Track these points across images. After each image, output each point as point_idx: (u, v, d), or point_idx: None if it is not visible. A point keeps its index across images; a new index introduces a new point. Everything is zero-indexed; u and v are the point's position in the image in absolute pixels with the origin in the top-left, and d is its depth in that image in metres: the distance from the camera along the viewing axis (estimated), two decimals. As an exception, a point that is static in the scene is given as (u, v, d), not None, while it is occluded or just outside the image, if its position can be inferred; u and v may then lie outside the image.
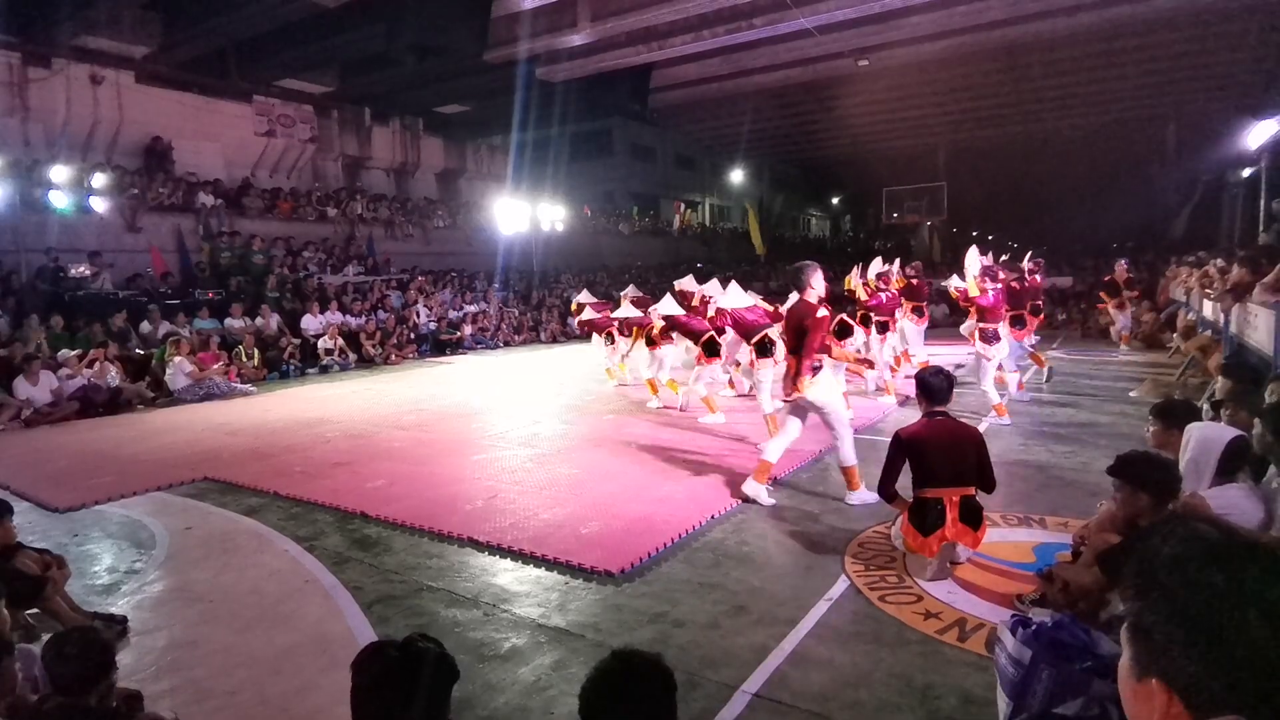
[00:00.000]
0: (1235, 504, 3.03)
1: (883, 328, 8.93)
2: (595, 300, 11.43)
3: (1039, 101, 25.16)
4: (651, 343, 8.55)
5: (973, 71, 20.73)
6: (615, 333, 10.00)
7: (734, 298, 7.48)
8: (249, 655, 3.26)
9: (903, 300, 9.75)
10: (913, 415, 4.72)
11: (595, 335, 10.66)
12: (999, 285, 7.97)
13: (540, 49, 16.00)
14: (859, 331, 8.58)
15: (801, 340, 4.88)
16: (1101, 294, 14.08)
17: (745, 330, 7.09)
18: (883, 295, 9.05)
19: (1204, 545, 0.84)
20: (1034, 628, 2.44)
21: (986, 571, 3.86)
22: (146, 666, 3.20)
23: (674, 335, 8.29)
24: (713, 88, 20.96)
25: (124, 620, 3.52)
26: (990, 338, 7.46)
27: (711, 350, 7.70)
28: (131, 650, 3.33)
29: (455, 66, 17.09)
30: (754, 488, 5.06)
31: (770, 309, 7.26)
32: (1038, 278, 10.15)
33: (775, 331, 6.67)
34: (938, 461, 3.78)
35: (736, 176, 35.13)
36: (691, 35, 15.76)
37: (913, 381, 4.58)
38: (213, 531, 4.87)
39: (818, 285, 4.94)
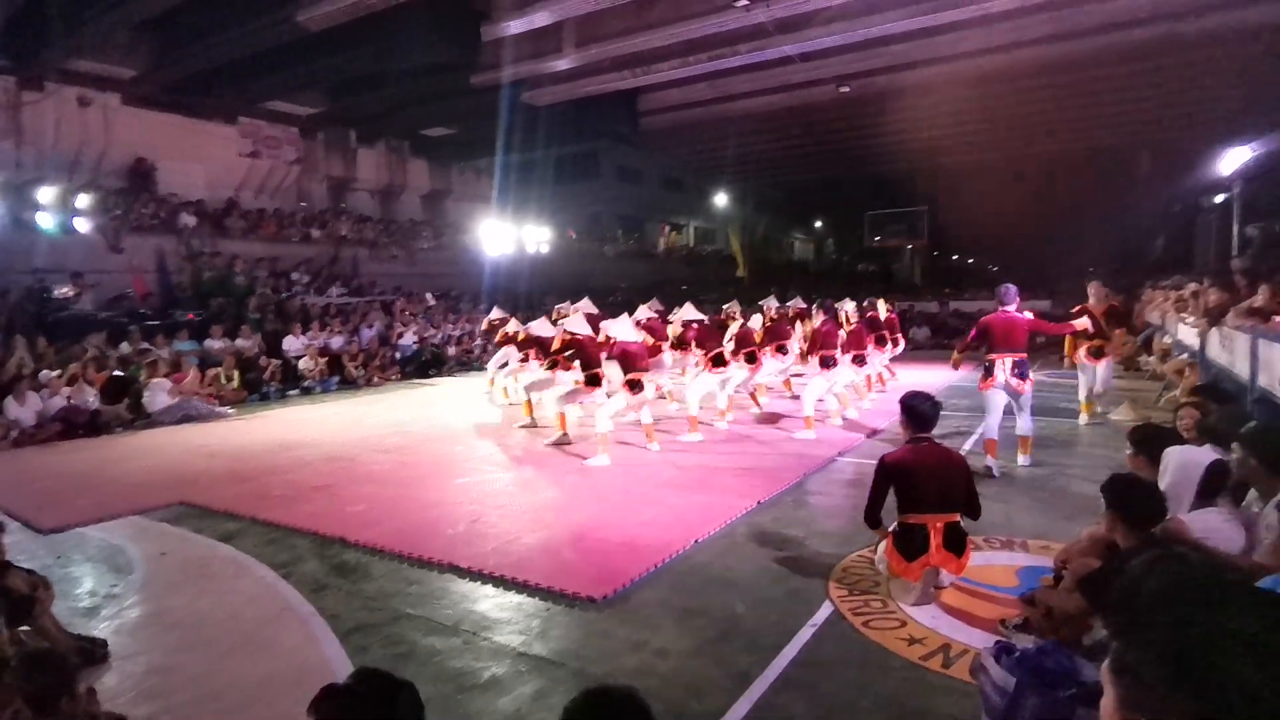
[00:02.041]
0: (1216, 528, 3.05)
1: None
2: (502, 315, 11.40)
3: (1015, 129, 25.65)
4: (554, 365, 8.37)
5: (950, 98, 21.06)
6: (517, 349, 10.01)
7: (623, 329, 7.59)
8: (226, 683, 3.21)
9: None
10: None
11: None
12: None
13: (526, 73, 16.13)
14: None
15: None
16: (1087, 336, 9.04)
17: (628, 361, 7.16)
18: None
19: (1187, 582, 0.84)
20: (1018, 654, 2.44)
21: (970, 596, 3.86)
22: (126, 691, 3.16)
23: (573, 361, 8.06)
24: (698, 112, 21.18)
25: (104, 644, 3.49)
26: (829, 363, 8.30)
27: (593, 381, 7.44)
28: (112, 674, 3.30)
29: (442, 89, 17.18)
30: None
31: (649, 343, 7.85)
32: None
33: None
34: (924, 487, 3.77)
35: (721, 199, 35.46)
36: (677, 61, 15.95)
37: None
38: (189, 557, 4.79)
39: None
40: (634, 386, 7.15)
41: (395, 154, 22.30)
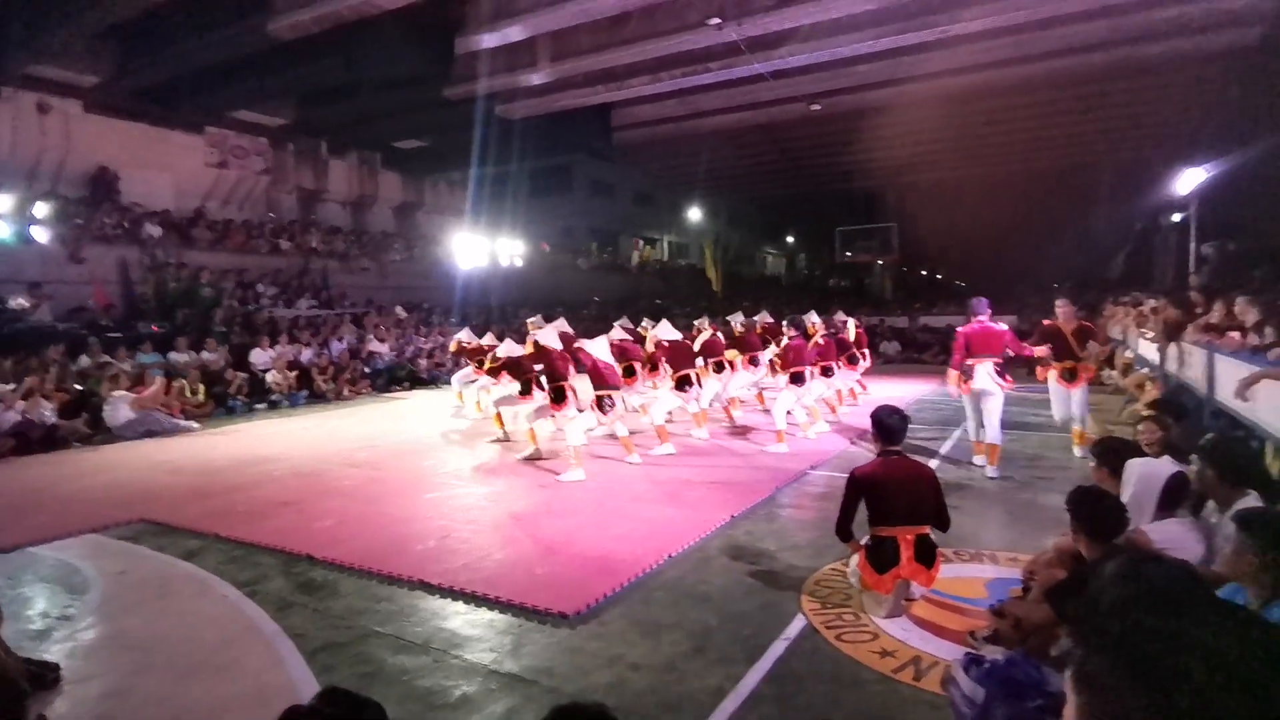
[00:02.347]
0: (1177, 538, 3.12)
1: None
2: (470, 339, 11.00)
3: (980, 148, 26.28)
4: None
5: (917, 118, 21.51)
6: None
7: (598, 348, 7.65)
8: (185, 707, 3.11)
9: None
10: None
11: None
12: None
13: (500, 87, 16.14)
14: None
15: None
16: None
17: (598, 378, 7.24)
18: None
19: (1145, 589, 0.85)
20: (987, 666, 2.46)
21: (940, 608, 3.89)
22: (80, 716, 3.06)
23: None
24: (670, 128, 21.35)
25: (57, 668, 3.35)
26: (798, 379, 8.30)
27: (559, 397, 7.27)
28: (65, 699, 3.18)
29: (414, 101, 17.11)
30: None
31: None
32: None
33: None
34: (893, 500, 3.81)
35: (694, 214, 35.70)
36: (649, 77, 16.08)
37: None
38: (149, 576, 4.65)
39: None
40: (602, 404, 7.15)
41: (367, 165, 22.13)
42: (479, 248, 20.61)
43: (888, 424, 3.98)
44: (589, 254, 29.40)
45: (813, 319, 9.95)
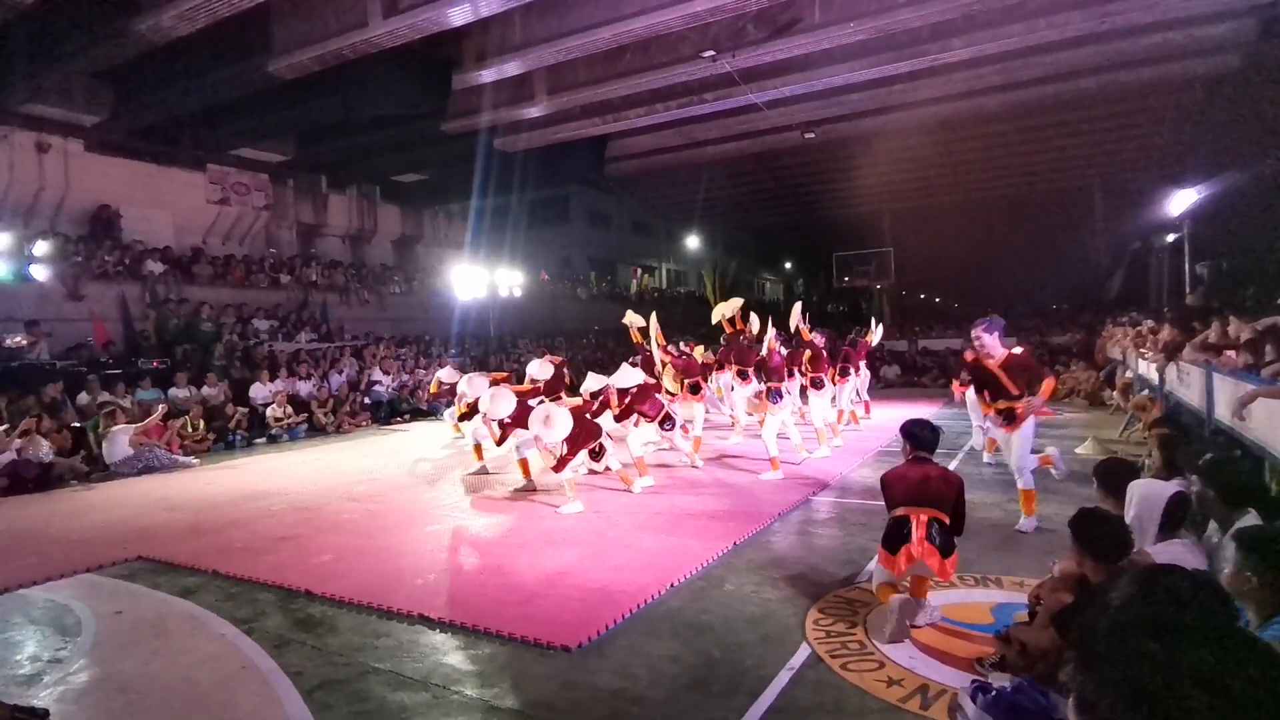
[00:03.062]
0: (1180, 559, 3.08)
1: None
2: (451, 378, 10.80)
3: (973, 172, 26.61)
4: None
5: (910, 144, 21.80)
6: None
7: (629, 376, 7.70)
8: (177, 751, 3.05)
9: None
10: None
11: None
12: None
13: (498, 120, 16.36)
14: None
15: None
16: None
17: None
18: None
19: (1140, 615, 0.84)
20: (993, 693, 2.43)
21: (946, 634, 3.84)
22: (63, 768, 2.97)
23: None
24: (667, 158, 21.62)
25: (45, 713, 3.27)
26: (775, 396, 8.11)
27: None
28: (49, 748, 3.09)
29: (413, 136, 17.33)
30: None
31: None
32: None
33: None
34: (910, 486, 4.02)
35: (692, 242, 35.99)
36: (645, 109, 16.32)
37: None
38: (144, 615, 4.59)
39: None
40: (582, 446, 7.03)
41: (366, 199, 22.33)
42: (478, 279, 20.69)
43: (917, 434, 4.21)
44: (588, 283, 29.54)
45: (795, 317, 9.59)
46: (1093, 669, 0.85)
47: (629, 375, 7.93)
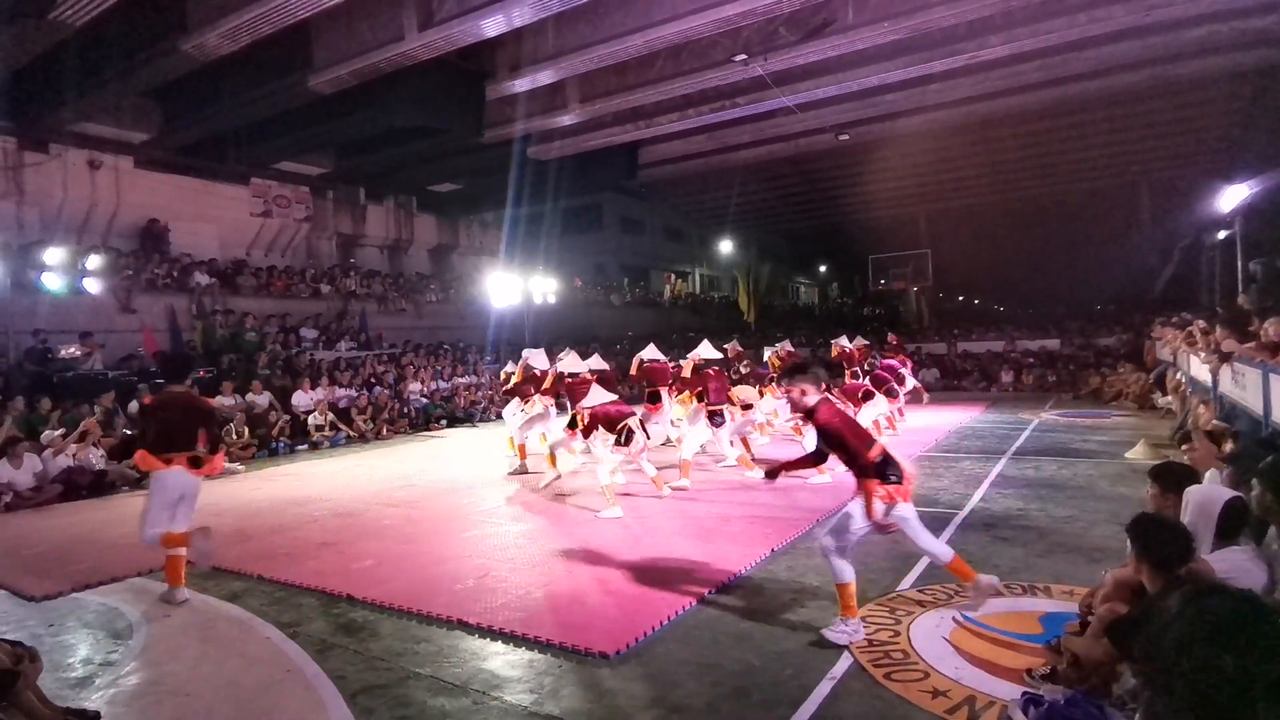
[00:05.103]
0: (1240, 567, 2.97)
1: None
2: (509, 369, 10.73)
3: (1013, 171, 26.07)
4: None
5: (947, 144, 21.47)
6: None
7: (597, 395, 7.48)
8: (225, 754, 3.10)
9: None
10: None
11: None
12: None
13: (532, 129, 16.52)
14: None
15: None
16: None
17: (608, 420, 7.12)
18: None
19: (1211, 626, 0.81)
20: (1045, 706, 2.35)
21: (994, 644, 3.74)
22: (116, 768, 3.04)
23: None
24: (699, 163, 21.59)
25: (96, 715, 3.35)
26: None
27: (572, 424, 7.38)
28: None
29: (448, 147, 17.59)
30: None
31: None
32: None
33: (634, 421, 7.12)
34: None
35: (725, 247, 35.87)
36: (677, 114, 16.33)
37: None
38: (192, 619, 4.70)
39: None
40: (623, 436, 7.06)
41: (403, 210, 22.72)
42: (512, 286, 20.90)
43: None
44: (621, 289, 29.62)
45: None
46: (1159, 683, 0.82)
47: (573, 363, 8.40)
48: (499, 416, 12.68)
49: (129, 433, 10.67)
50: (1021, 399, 16.31)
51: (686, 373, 9.06)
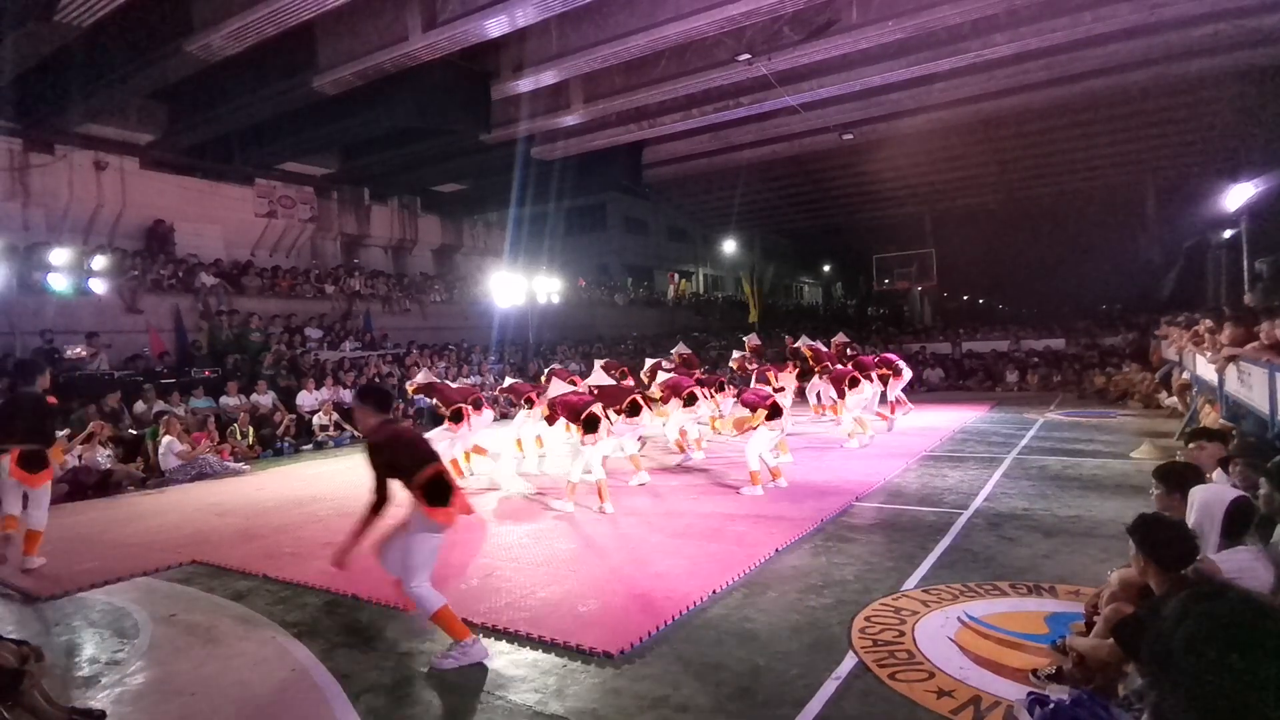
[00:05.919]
0: (1246, 567, 2.96)
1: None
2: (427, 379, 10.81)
3: (1018, 171, 25.98)
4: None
5: (952, 144, 21.42)
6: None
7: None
8: (231, 752, 3.11)
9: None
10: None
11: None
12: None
13: (536, 129, 16.52)
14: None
15: None
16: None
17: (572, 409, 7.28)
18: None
19: (1219, 626, 0.81)
20: (1051, 706, 2.35)
21: (999, 644, 3.73)
22: (122, 767, 3.05)
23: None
24: (702, 163, 21.57)
25: (102, 715, 3.37)
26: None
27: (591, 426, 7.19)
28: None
29: (453, 147, 17.59)
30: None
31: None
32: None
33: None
34: None
35: (729, 247, 35.86)
36: (680, 114, 16.32)
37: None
38: (198, 618, 4.71)
39: None
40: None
41: (407, 210, 22.75)
42: (516, 286, 20.91)
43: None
44: (625, 290, 29.63)
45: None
46: (1168, 682, 0.82)
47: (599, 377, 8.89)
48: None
49: (134, 432, 10.73)
50: (1027, 399, 16.27)
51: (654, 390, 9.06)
